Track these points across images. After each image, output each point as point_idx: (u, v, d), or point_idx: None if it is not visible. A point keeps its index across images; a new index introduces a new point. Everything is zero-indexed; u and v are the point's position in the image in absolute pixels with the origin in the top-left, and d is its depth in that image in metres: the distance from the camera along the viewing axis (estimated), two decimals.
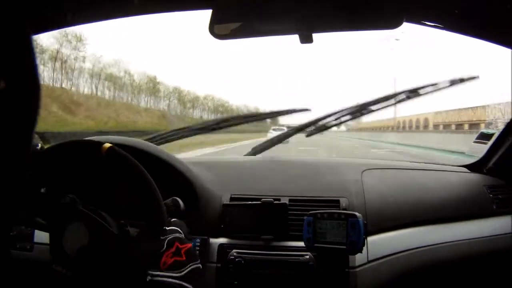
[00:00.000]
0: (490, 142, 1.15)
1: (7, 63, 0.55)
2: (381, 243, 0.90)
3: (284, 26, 0.68)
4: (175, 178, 0.92)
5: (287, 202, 0.91)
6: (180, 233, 0.72)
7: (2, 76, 0.54)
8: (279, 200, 0.92)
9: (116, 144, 0.69)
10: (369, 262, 0.87)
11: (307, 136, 1.33)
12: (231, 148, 10.15)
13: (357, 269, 0.85)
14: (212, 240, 0.90)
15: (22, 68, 0.56)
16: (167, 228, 0.70)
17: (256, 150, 1.31)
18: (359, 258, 0.85)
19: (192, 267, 0.69)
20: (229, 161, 1.34)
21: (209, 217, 0.92)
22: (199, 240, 0.87)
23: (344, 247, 0.77)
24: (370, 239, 0.89)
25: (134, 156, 0.68)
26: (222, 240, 0.91)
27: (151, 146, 0.93)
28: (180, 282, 0.66)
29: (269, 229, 0.90)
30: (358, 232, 0.76)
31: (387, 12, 0.62)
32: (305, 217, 0.82)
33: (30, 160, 0.67)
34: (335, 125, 1.25)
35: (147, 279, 0.63)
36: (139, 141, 0.92)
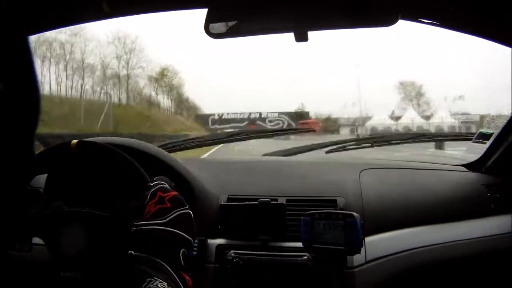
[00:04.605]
0: (489, 142, 1.15)
1: (4, 64, 0.55)
2: (379, 243, 0.90)
3: (280, 24, 0.67)
4: (173, 178, 0.91)
5: (284, 202, 0.91)
6: (163, 184, 0.70)
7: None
8: (276, 200, 0.92)
9: (112, 145, 0.69)
10: (367, 262, 0.86)
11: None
12: None
13: (355, 270, 0.84)
14: (210, 241, 0.90)
15: (19, 69, 0.56)
16: (151, 184, 0.68)
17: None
18: (357, 259, 0.85)
19: (177, 213, 0.66)
20: (226, 161, 1.33)
21: (207, 218, 0.92)
22: (197, 241, 0.87)
23: (342, 247, 0.77)
24: (368, 239, 0.88)
25: (132, 156, 0.68)
26: (220, 240, 0.91)
27: (148, 146, 0.93)
28: (164, 228, 0.63)
29: (266, 230, 0.89)
30: (356, 232, 0.76)
31: (382, 9, 0.62)
32: (302, 218, 0.82)
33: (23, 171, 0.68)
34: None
35: (131, 230, 0.61)
36: (135, 141, 0.92)
